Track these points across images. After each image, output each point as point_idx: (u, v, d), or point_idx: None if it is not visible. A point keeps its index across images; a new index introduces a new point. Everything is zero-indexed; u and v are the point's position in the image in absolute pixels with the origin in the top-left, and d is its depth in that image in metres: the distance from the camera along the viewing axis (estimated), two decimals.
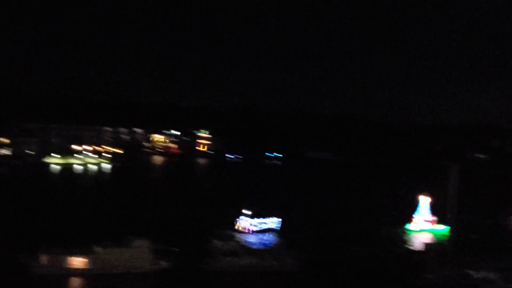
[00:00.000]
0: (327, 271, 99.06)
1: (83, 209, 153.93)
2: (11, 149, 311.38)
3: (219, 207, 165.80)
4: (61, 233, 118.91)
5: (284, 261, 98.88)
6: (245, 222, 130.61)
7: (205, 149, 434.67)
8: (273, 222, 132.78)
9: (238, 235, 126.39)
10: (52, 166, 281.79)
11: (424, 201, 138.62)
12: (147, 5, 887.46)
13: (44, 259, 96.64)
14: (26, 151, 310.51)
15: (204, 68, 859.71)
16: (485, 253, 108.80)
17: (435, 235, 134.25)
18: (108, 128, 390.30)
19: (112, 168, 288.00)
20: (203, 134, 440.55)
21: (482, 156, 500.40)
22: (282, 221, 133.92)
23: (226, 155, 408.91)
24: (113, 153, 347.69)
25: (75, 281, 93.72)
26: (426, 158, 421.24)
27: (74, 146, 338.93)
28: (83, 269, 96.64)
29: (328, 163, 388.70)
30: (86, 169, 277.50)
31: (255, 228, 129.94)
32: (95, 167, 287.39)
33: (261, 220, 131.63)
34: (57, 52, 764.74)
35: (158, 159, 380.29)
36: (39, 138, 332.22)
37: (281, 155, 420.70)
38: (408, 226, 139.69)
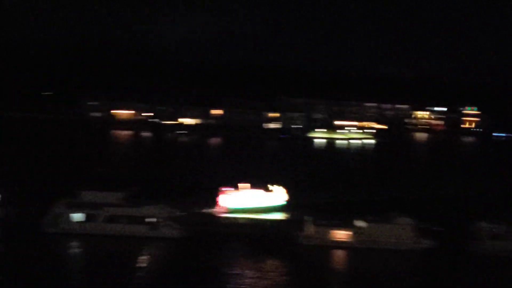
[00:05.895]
0: None
1: (347, 183, 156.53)
2: (280, 123, 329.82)
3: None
4: (327, 206, 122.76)
5: None
6: None
7: (472, 126, 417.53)
8: None
9: None
10: (316, 140, 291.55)
11: None
12: None
13: (310, 230, 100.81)
14: (292, 126, 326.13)
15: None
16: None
17: None
18: (371, 104, 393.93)
19: (376, 144, 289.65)
20: (470, 111, 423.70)
21: None
22: None
23: (494, 133, 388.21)
24: (377, 129, 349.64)
25: (338, 253, 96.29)
26: None
27: (337, 122, 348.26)
28: (345, 242, 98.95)
29: None
30: (349, 144, 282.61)
31: None
32: (358, 142, 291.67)
33: None
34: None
35: (421, 136, 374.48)
36: (305, 113, 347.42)
37: None
38: None
